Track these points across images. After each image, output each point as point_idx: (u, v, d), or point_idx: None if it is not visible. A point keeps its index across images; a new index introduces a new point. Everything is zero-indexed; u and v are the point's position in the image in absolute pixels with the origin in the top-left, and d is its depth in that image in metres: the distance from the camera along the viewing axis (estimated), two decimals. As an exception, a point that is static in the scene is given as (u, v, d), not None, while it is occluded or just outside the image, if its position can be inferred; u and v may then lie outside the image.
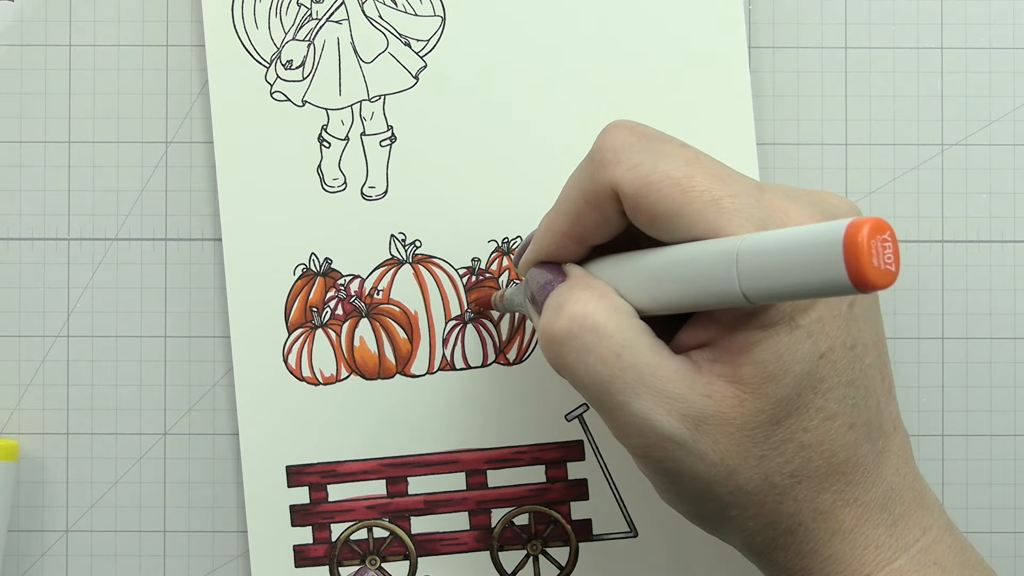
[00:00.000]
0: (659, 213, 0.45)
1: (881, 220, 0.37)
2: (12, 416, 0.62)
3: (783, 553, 0.47)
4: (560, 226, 0.49)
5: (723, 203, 0.44)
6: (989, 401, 0.62)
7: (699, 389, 0.44)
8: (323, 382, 0.61)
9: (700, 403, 0.44)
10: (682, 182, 0.44)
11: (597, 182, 0.46)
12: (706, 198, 0.44)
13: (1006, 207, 0.63)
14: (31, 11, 0.62)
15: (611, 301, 0.46)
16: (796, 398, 0.44)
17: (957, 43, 0.63)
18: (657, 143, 0.46)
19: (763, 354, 0.44)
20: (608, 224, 0.47)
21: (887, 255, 0.37)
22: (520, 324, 0.61)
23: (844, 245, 0.37)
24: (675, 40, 0.61)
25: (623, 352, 0.45)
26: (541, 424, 0.61)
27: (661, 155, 0.45)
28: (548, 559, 0.61)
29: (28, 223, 0.62)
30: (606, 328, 0.45)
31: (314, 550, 0.60)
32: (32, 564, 0.62)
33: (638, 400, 0.45)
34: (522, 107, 0.61)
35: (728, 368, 0.44)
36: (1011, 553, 0.62)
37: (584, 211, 0.47)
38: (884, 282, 0.37)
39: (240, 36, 0.61)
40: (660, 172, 0.45)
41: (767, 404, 0.44)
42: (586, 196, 0.47)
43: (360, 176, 0.61)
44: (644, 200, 0.45)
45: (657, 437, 0.45)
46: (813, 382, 0.44)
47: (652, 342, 0.46)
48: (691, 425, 0.44)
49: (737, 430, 0.44)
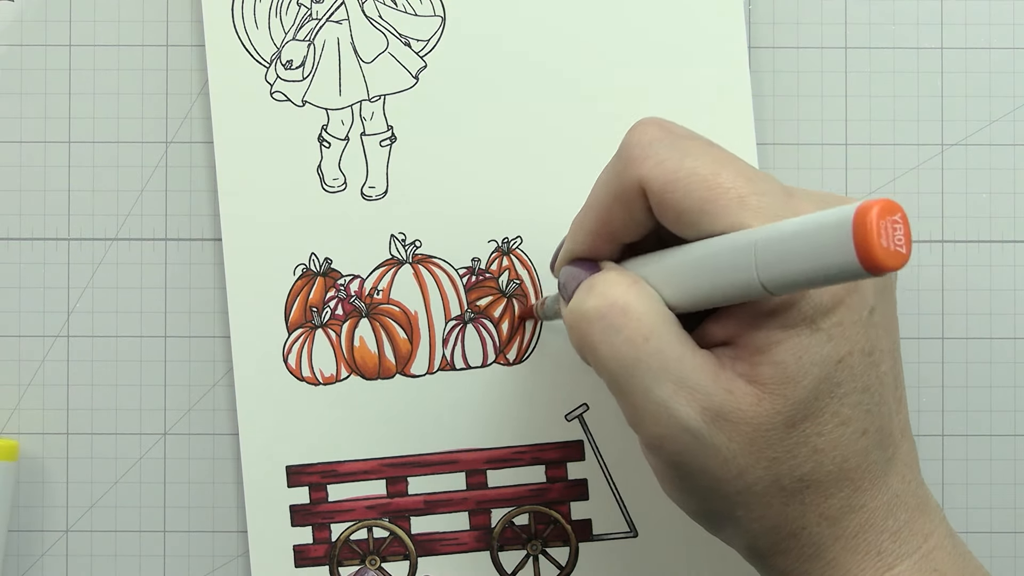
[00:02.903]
0: (685, 209, 0.44)
1: (892, 201, 0.36)
2: (12, 416, 0.62)
3: (785, 557, 0.47)
4: (590, 224, 0.49)
5: (749, 200, 0.44)
6: (989, 401, 0.62)
7: (721, 384, 0.44)
8: (323, 382, 0.61)
9: (721, 397, 0.44)
10: (708, 179, 0.44)
11: (624, 178, 0.46)
12: (732, 195, 0.44)
13: (1006, 207, 0.63)
14: (31, 11, 0.62)
15: (642, 287, 0.46)
16: (813, 402, 0.44)
17: (957, 43, 0.63)
18: (685, 140, 0.46)
19: (783, 354, 0.44)
20: (636, 221, 0.47)
21: (897, 237, 0.36)
22: (520, 324, 0.61)
23: (854, 226, 0.36)
24: (675, 40, 0.61)
25: (651, 336, 0.45)
26: (541, 424, 0.61)
27: (689, 152, 0.45)
28: (548, 559, 0.61)
29: (28, 223, 0.62)
30: (636, 310, 0.45)
31: (314, 550, 0.60)
32: (32, 564, 0.62)
33: (660, 387, 0.45)
34: (522, 107, 0.61)
35: (748, 367, 0.44)
36: (1011, 553, 0.62)
37: (613, 208, 0.47)
38: (894, 263, 0.36)
39: (240, 36, 0.61)
40: (687, 168, 0.45)
41: (785, 406, 0.44)
42: (614, 193, 0.47)
43: (360, 176, 0.61)
44: (670, 196, 0.45)
45: (674, 427, 0.45)
46: (831, 386, 0.44)
47: (679, 332, 0.45)
48: (709, 419, 0.44)
49: (753, 430, 0.44)
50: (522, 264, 0.61)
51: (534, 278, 0.61)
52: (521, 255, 0.61)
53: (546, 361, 0.61)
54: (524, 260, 0.61)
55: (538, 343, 0.61)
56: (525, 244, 0.61)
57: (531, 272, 0.61)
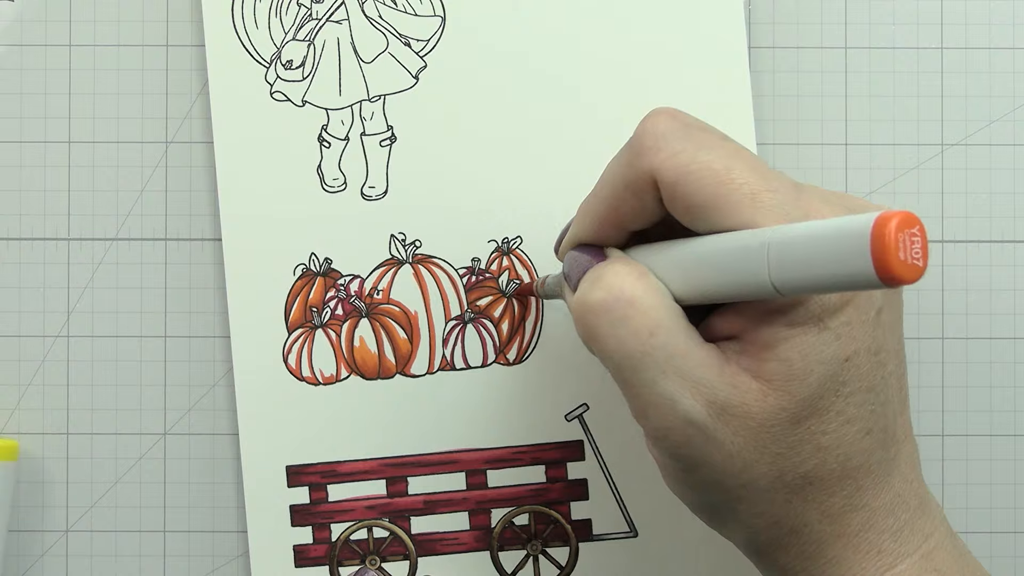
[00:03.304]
0: (696, 203, 0.44)
1: (911, 214, 0.36)
2: (12, 416, 0.62)
3: (785, 553, 0.47)
4: (599, 211, 0.49)
5: (760, 197, 0.43)
6: (989, 401, 0.62)
7: (726, 378, 0.44)
8: (323, 382, 0.60)
9: (726, 392, 0.44)
10: (721, 173, 0.44)
11: (636, 168, 0.46)
12: (744, 191, 0.44)
13: (1006, 207, 0.63)
14: (31, 11, 0.62)
15: (649, 280, 0.46)
16: (819, 400, 0.44)
17: (957, 43, 0.63)
18: (699, 133, 0.46)
19: (789, 352, 0.44)
20: (646, 211, 0.47)
21: (915, 250, 0.36)
22: (520, 324, 0.61)
23: (872, 237, 0.36)
24: (675, 41, 0.61)
25: (657, 330, 0.45)
26: (541, 424, 0.61)
27: (702, 145, 0.45)
28: (548, 559, 0.61)
29: (28, 223, 0.62)
30: (642, 303, 0.45)
31: (314, 550, 0.60)
32: (32, 564, 0.62)
33: (666, 380, 0.45)
34: (522, 108, 0.61)
35: (753, 362, 0.44)
36: (1011, 553, 0.62)
37: (623, 197, 0.47)
38: (911, 276, 0.36)
39: (240, 36, 0.61)
40: (700, 162, 0.44)
41: (790, 403, 0.44)
42: (625, 181, 0.47)
43: (360, 176, 0.61)
44: (682, 189, 0.44)
45: (679, 420, 0.45)
46: (836, 385, 0.44)
47: (685, 325, 0.45)
48: (714, 412, 0.44)
49: (758, 425, 0.44)
50: (522, 264, 0.61)
51: (534, 278, 0.61)
52: (521, 255, 0.61)
53: (546, 361, 0.61)
54: (524, 260, 0.61)
55: (538, 343, 0.61)
56: (525, 244, 0.61)
57: (531, 272, 0.61)
